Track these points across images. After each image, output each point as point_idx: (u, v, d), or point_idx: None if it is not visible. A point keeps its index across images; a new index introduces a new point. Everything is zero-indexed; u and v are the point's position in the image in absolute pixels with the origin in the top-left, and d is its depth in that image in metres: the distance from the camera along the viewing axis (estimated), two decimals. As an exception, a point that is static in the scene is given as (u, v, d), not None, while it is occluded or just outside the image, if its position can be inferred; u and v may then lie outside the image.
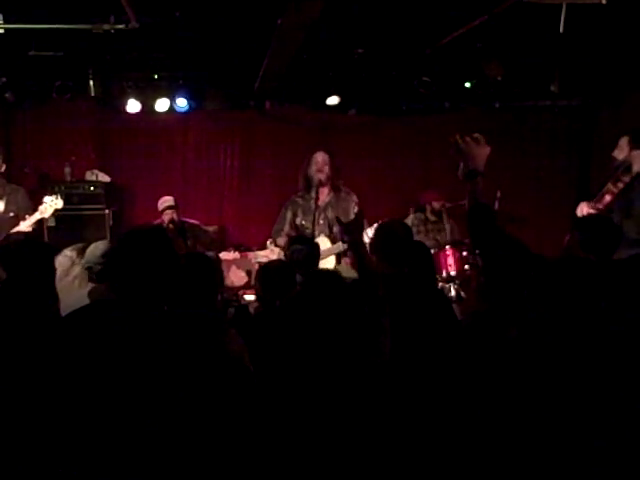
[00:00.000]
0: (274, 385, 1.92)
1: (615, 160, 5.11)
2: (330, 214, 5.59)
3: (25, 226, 5.48)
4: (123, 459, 1.74)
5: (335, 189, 5.68)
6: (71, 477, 1.76)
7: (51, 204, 5.59)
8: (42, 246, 3.33)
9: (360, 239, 3.14)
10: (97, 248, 3.55)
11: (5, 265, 3.06)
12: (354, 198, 5.69)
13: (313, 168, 5.61)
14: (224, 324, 3.09)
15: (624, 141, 5.09)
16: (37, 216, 5.53)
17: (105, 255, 3.37)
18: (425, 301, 3.31)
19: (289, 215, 5.74)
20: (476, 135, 2.77)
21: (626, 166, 5.01)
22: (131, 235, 2.11)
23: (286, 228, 5.70)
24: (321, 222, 5.59)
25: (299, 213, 5.69)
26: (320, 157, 5.62)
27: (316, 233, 5.52)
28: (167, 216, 6.50)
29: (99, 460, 1.75)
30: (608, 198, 5.00)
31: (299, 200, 5.73)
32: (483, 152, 2.72)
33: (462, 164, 2.75)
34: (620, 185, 4.95)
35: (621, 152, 5.10)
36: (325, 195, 5.67)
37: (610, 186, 4.98)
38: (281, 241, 5.58)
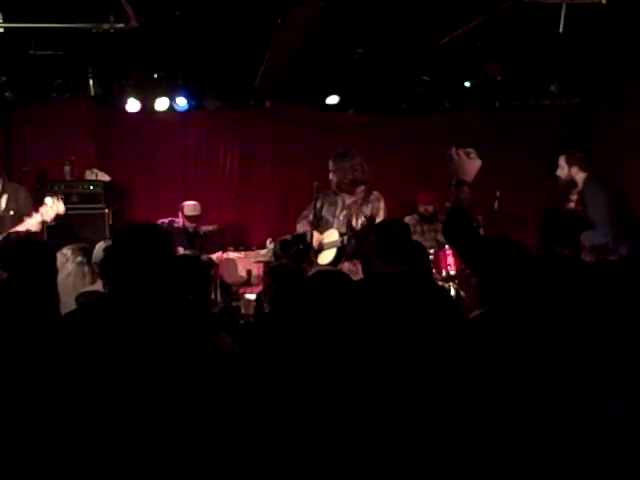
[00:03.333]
0: (276, 384, 1.92)
1: (560, 179, 5.40)
2: (352, 212, 5.63)
3: (31, 225, 5.47)
4: (121, 458, 1.75)
5: (365, 193, 5.68)
6: (70, 477, 1.76)
7: (52, 207, 5.53)
8: (43, 246, 3.33)
9: (367, 246, 3.21)
10: (101, 247, 3.56)
11: (5, 265, 3.05)
12: (381, 204, 5.69)
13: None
14: (215, 325, 3.10)
15: (562, 160, 5.34)
16: (38, 218, 5.50)
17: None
18: (428, 298, 3.32)
19: (318, 204, 5.74)
20: (469, 150, 3.01)
21: (570, 183, 5.29)
22: (124, 233, 2.08)
23: (310, 216, 5.73)
24: (341, 218, 5.64)
25: (326, 204, 5.71)
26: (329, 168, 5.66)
27: (334, 226, 5.58)
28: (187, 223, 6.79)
29: (98, 459, 1.75)
30: None
31: (331, 193, 5.73)
32: (474, 166, 2.97)
33: (452, 174, 3.02)
34: (572, 204, 5.21)
35: (562, 171, 5.35)
36: (354, 196, 5.70)
37: (563, 205, 5.25)
38: (301, 228, 5.60)
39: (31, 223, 5.41)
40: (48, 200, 5.47)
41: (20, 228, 5.36)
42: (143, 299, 1.89)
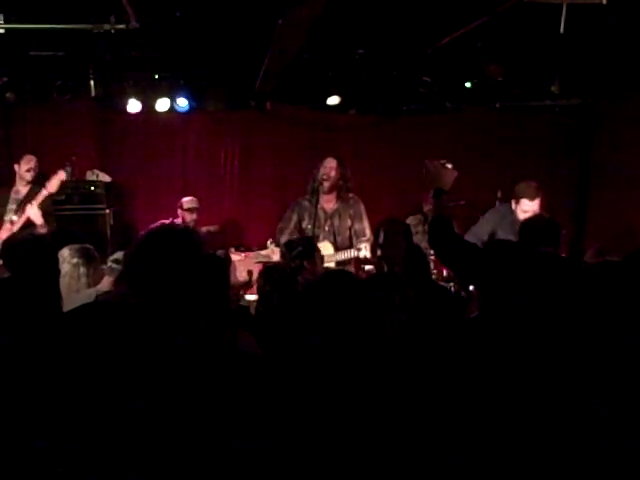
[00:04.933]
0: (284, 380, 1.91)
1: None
2: (337, 222, 5.65)
3: (34, 207, 5.71)
4: (129, 459, 1.74)
5: (343, 197, 5.70)
6: (72, 477, 1.75)
7: (55, 178, 5.81)
8: (45, 245, 3.34)
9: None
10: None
11: (9, 264, 3.07)
12: (361, 206, 5.72)
13: (320, 172, 5.64)
14: (235, 323, 3.10)
15: (537, 203, 5.17)
16: (44, 193, 5.75)
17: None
18: (429, 298, 3.33)
19: (295, 217, 5.76)
20: (443, 161, 3.11)
21: None
22: (156, 234, 1.99)
23: (290, 229, 5.74)
24: (327, 229, 5.65)
25: (305, 217, 5.71)
26: (328, 163, 5.65)
27: (320, 238, 5.56)
28: (188, 216, 6.80)
29: (102, 460, 1.75)
30: None
31: (306, 203, 5.74)
32: (450, 175, 3.06)
33: (429, 185, 3.14)
34: None
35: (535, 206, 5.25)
36: (333, 203, 5.70)
37: None
38: (284, 240, 5.62)
39: (33, 206, 5.70)
40: (67, 169, 5.81)
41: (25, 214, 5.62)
42: (169, 301, 1.85)
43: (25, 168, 6.00)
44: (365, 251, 5.37)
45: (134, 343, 1.81)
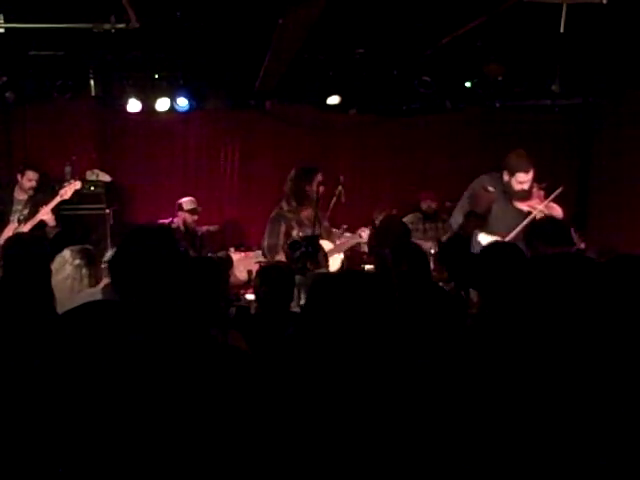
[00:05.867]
0: (281, 382, 1.91)
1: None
2: (323, 222, 5.74)
3: (45, 212, 5.91)
4: (124, 460, 1.74)
5: None
6: (71, 477, 1.75)
7: (70, 187, 6.04)
8: (37, 246, 3.34)
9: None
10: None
11: (4, 264, 3.08)
12: None
13: (314, 188, 5.60)
14: (225, 325, 3.11)
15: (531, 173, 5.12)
16: (57, 199, 5.97)
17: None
18: (428, 298, 3.33)
19: (282, 229, 5.70)
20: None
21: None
22: (135, 233, 2.06)
23: (281, 242, 5.69)
24: (317, 232, 5.68)
25: (294, 226, 5.67)
26: (320, 178, 5.69)
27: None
28: (190, 217, 6.85)
29: (99, 461, 1.75)
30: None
31: (287, 214, 5.70)
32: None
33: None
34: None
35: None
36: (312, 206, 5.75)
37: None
38: (280, 257, 5.54)
39: (45, 211, 5.90)
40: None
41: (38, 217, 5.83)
42: (151, 299, 1.88)
43: (28, 186, 6.18)
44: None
45: (121, 342, 1.83)
